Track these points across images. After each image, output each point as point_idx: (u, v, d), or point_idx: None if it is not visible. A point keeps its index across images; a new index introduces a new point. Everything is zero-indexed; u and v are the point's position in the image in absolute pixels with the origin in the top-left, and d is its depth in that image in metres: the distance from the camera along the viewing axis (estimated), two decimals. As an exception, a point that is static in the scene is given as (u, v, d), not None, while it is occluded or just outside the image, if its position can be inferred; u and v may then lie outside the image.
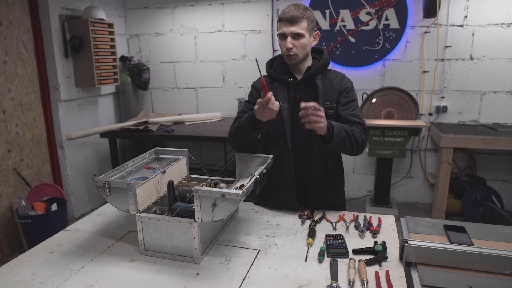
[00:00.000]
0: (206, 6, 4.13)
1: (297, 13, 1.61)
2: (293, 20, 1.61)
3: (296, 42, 1.64)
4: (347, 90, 1.73)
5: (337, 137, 1.53)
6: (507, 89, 3.55)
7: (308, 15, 1.64)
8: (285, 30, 1.64)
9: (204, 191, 1.25)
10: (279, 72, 1.76)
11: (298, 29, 1.62)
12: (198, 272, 1.27)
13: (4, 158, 3.13)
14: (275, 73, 1.76)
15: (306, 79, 1.71)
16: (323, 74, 1.73)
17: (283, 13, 1.65)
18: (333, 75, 1.76)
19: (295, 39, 1.64)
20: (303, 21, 1.62)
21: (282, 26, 1.65)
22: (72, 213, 3.74)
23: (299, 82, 1.72)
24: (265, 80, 1.45)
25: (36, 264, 1.34)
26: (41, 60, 3.44)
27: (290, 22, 1.62)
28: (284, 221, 1.64)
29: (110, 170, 1.53)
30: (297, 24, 1.62)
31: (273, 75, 1.77)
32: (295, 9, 1.63)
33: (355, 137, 1.59)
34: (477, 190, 3.53)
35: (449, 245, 1.25)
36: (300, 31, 1.62)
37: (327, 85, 1.72)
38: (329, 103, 1.69)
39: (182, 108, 4.45)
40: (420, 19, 3.62)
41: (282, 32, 1.65)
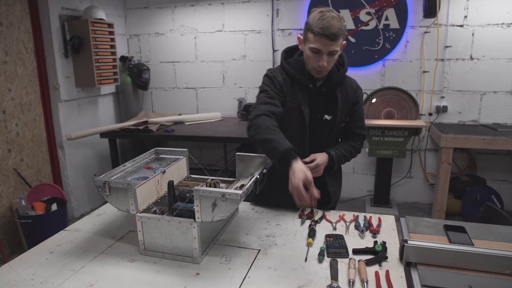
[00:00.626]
0: (206, 6, 4.13)
1: (338, 30, 1.46)
2: (334, 38, 1.46)
3: (330, 59, 1.53)
4: (359, 103, 1.76)
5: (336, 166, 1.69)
6: (507, 89, 3.55)
7: (344, 28, 1.51)
8: (322, 47, 1.49)
9: (204, 191, 1.25)
10: (298, 71, 1.64)
11: (336, 47, 1.50)
12: (198, 272, 1.27)
13: (4, 158, 3.13)
14: (294, 73, 1.65)
15: (327, 90, 1.66)
16: (340, 84, 1.69)
17: (322, 27, 1.45)
18: (348, 85, 1.72)
19: (330, 55, 1.52)
20: (341, 38, 1.51)
21: (317, 41, 1.48)
22: (72, 213, 3.74)
23: (320, 91, 1.66)
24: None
25: (36, 264, 1.34)
26: (41, 60, 3.44)
27: (330, 39, 1.46)
28: (284, 221, 1.64)
29: (110, 170, 1.53)
30: (337, 41, 1.48)
31: (292, 75, 1.66)
32: (335, 22, 1.46)
33: (352, 155, 1.76)
34: (477, 190, 3.53)
35: (449, 245, 1.25)
36: (337, 48, 1.51)
37: (343, 96, 1.69)
38: (344, 116, 1.71)
39: (182, 108, 4.45)
40: (420, 19, 3.62)
41: (317, 48, 1.50)
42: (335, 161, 1.65)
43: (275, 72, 1.69)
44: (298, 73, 1.65)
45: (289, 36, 3.96)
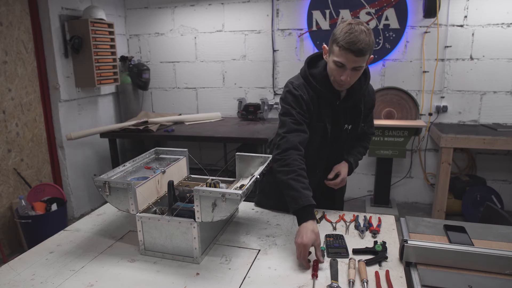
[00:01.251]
0: (206, 6, 4.13)
1: (365, 46, 1.37)
2: (361, 54, 1.38)
3: (353, 74, 1.45)
4: (373, 106, 1.80)
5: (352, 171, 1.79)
6: (507, 89, 3.55)
7: (372, 43, 1.41)
8: (346, 62, 1.41)
9: (204, 191, 1.25)
10: (324, 87, 1.56)
11: (362, 63, 1.42)
12: (198, 272, 1.27)
13: (4, 158, 3.13)
14: (321, 90, 1.56)
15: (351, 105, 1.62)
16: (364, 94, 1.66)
17: (349, 42, 1.36)
18: (368, 95, 1.69)
19: (354, 70, 1.44)
20: (368, 53, 1.41)
21: (342, 56, 1.40)
22: (72, 213, 3.74)
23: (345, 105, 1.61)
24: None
25: (36, 264, 1.34)
26: (41, 60, 3.44)
27: (356, 55, 1.38)
28: (284, 221, 1.64)
29: (110, 170, 1.53)
30: (363, 57, 1.40)
31: (319, 92, 1.57)
32: (363, 37, 1.36)
33: (363, 155, 1.86)
34: (477, 190, 3.53)
35: (449, 245, 1.25)
36: (363, 64, 1.43)
37: (365, 106, 1.70)
38: (364, 123, 1.76)
39: (182, 108, 4.45)
40: (420, 19, 3.62)
41: (341, 62, 1.41)
42: (354, 168, 1.78)
43: (300, 89, 1.57)
44: (325, 89, 1.56)
45: (289, 36, 3.97)
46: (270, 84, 4.13)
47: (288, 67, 4.03)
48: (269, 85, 4.13)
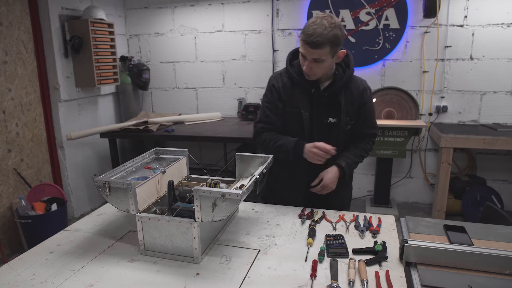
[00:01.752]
0: (206, 6, 4.13)
1: (320, 38, 1.46)
2: (316, 46, 1.48)
3: (315, 66, 1.55)
4: (367, 105, 1.73)
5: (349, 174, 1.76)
6: (507, 89, 3.55)
7: (333, 38, 1.48)
8: (305, 53, 1.53)
9: (204, 191, 1.25)
10: (300, 75, 1.65)
11: (319, 55, 1.51)
12: (198, 272, 1.27)
13: (4, 158, 3.13)
14: (296, 77, 1.66)
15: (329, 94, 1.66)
16: (345, 87, 1.68)
17: (306, 33, 1.49)
18: (354, 87, 1.70)
19: (315, 62, 1.54)
20: (326, 46, 1.49)
21: (302, 46, 1.54)
22: (72, 213, 3.74)
23: (322, 95, 1.66)
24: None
25: (36, 264, 1.34)
26: (41, 60, 3.44)
27: (311, 47, 1.49)
28: (284, 221, 1.64)
29: (110, 170, 1.53)
30: (319, 49, 1.49)
31: (294, 79, 1.67)
32: (320, 30, 1.46)
33: (362, 157, 1.78)
34: (477, 190, 3.53)
35: (449, 245, 1.25)
36: (321, 58, 1.51)
37: (348, 99, 1.68)
38: (349, 118, 1.70)
39: (182, 108, 4.45)
40: (420, 19, 3.62)
41: (303, 53, 1.55)
42: (346, 172, 1.71)
43: (276, 78, 1.73)
44: (300, 77, 1.65)
45: (289, 36, 3.96)
46: (270, 84, 4.12)
47: (288, 67, 4.02)
48: (269, 85, 4.13)
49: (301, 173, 1.76)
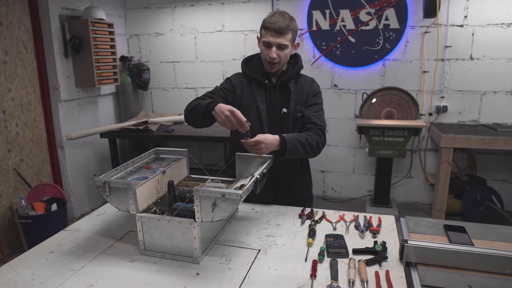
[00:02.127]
0: (206, 6, 4.13)
1: (284, 25, 1.64)
2: (280, 31, 1.65)
3: (280, 53, 1.69)
4: (314, 93, 1.82)
5: (290, 152, 1.62)
6: (507, 89, 3.55)
7: (293, 26, 1.69)
8: (271, 40, 1.67)
9: (204, 191, 1.25)
10: (255, 72, 1.81)
11: (284, 41, 1.67)
12: (198, 272, 1.27)
13: (4, 158, 3.13)
14: (252, 74, 1.81)
15: (281, 83, 1.79)
16: (295, 79, 1.83)
17: (270, 22, 1.66)
18: (304, 80, 1.85)
19: (279, 49, 1.68)
20: (289, 33, 1.67)
21: (267, 35, 1.68)
22: (72, 213, 3.74)
23: (275, 85, 1.78)
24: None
25: (36, 264, 1.34)
26: (41, 60, 3.44)
27: (277, 33, 1.65)
28: (284, 221, 1.64)
29: (110, 170, 1.53)
30: (284, 35, 1.66)
31: (249, 75, 1.81)
32: (282, 19, 1.65)
33: (310, 144, 1.68)
34: (477, 190, 3.53)
35: (449, 245, 1.25)
36: (286, 43, 1.67)
37: (298, 89, 1.81)
38: (299, 106, 1.79)
39: (182, 108, 4.41)
40: (420, 19, 3.62)
41: (267, 41, 1.68)
42: (287, 142, 1.59)
43: (232, 76, 1.89)
44: (255, 73, 1.81)
45: (289, 36, 3.96)
46: (270, 84, 4.12)
47: (288, 67, 4.02)
48: (269, 85, 4.13)
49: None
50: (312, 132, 1.72)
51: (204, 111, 1.56)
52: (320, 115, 1.81)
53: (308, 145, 1.67)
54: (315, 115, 1.78)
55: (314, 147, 1.70)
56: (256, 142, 1.52)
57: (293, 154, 1.63)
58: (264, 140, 1.54)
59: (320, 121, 1.78)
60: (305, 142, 1.66)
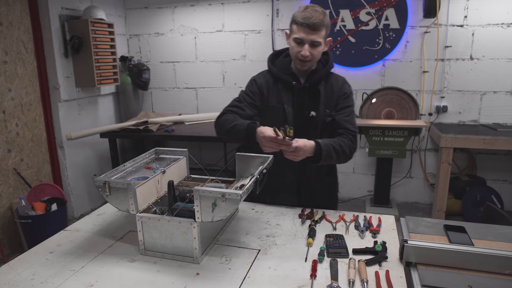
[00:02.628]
0: (206, 6, 4.13)
1: (318, 20, 1.54)
2: (315, 27, 1.55)
3: (313, 50, 1.59)
4: (345, 96, 1.72)
5: (324, 159, 1.57)
6: (507, 89, 3.55)
7: (326, 22, 1.58)
8: (303, 36, 1.57)
9: (204, 191, 1.25)
10: (282, 71, 1.72)
11: (317, 38, 1.57)
12: (198, 272, 1.27)
13: (4, 158, 3.13)
14: (278, 72, 1.72)
15: (310, 85, 1.69)
16: (325, 79, 1.72)
17: (303, 17, 1.55)
18: (334, 80, 1.74)
19: (312, 46, 1.59)
20: (323, 29, 1.57)
21: (300, 31, 1.57)
22: (72, 213, 3.74)
23: (303, 87, 1.69)
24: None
25: (36, 264, 1.34)
26: (41, 60, 3.44)
27: (311, 29, 1.55)
28: (284, 221, 1.64)
29: (110, 170, 1.53)
30: (318, 32, 1.56)
31: (276, 74, 1.73)
32: (316, 14, 1.54)
33: (343, 151, 1.62)
34: (477, 190, 3.53)
35: (449, 245, 1.25)
36: (319, 40, 1.58)
37: (328, 91, 1.71)
38: (329, 110, 1.70)
39: (182, 108, 4.45)
40: (420, 19, 3.62)
41: (300, 37, 1.58)
42: (322, 149, 1.55)
43: (258, 75, 1.80)
44: (282, 72, 1.71)
45: (289, 36, 3.96)
46: (270, 84, 4.12)
47: (288, 67, 4.02)
48: (269, 85, 4.13)
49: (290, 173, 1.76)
50: (345, 138, 1.66)
51: (246, 136, 1.56)
52: (352, 119, 1.71)
53: (342, 152, 1.62)
54: (346, 120, 1.69)
55: (347, 154, 1.65)
56: (296, 148, 1.48)
57: (327, 161, 1.59)
58: (303, 148, 1.50)
59: (352, 126, 1.70)
60: (339, 149, 1.61)
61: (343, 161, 1.67)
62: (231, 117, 1.68)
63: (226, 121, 1.67)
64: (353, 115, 1.74)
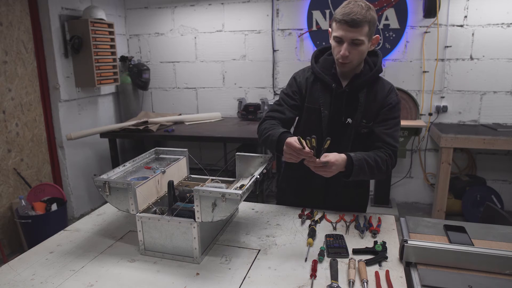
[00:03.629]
0: (206, 6, 4.13)
1: (360, 16, 1.39)
2: (355, 24, 1.39)
3: (353, 50, 1.45)
4: (390, 107, 1.55)
5: (355, 174, 1.45)
6: (507, 89, 3.55)
7: (370, 17, 1.42)
8: (343, 34, 1.43)
9: (204, 191, 1.25)
10: (324, 70, 1.59)
11: (358, 35, 1.42)
12: (198, 272, 1.27)
13: (4, 158, 3.13)
14: (319, 72, 1.60)
15: (350, 90, 1.55)
16: (370, 85, 1.57)
17: (343, 13, 1.41)
18: (380, 88, 1.57)
19: (353, 45, 1.44)
20: (365, 26, 1.41)
21: (339, 29, 1.43)
22: (72, 213, 3.74)
23: (343, 91, 1.56)
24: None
25: (36, 264, 1.34)
26: (41, 60, 3.44)
27: (350, 26, 1.40)
28: (284, 221, 1.64)
29: (110, 170, 1.53)
30: (359, 29, 1.40)
31: (317, 73, 1.61)
32: (358, 9, 1.40)
33: (378, 167, 1.48)
34: (477, 190, 3.53)
35: (449, 245, 1.25)
36: (361, 38, 1.42)
37: (370, 99, 1.56)
38: (366, 121, 1.56)
39: (182, 108, 4.45)
40: (420, 19, 3.62)
41: (338, 35, 1.44)
42: (354, 164, 1.42)
43: (299, 72, 1.69)
44: (323, 72, 1.60)
45: (289, 36, 3.96)
46: (270, 84, 4.13)
47: (288, 67, 4.03)
48: (269, 85, 4.13)
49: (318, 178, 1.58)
50: (383, 152, 1.50)
51: (277, 147, 1.47)
52: (394, 132, 1.54)
53: (376, 168, 1.47)
54: (387, 133, 1.53)
55: (382, 170, 1.49)
56: (325, 163, 1.35)
57: (359, 176, 1.46)
58: (335, 162, 1.37)
59: (393, 140, 1.53)
60: (373, 164, 1.46)
61: (378, 177, 1.56)
62: (268, 125, 1.58)
63: (263, 131, 1.58)
64: (396, 128, 1.57)
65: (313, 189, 1.74)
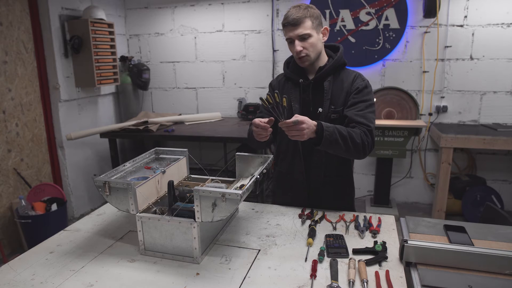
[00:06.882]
0: (206, 6, 4.13)
1: (298, 15, 1.59)
2: (296, 22, 1.59)
3: (304, 44, 1.61)
4: (357, 90, 1.63)
5: (327, 141, 1.48)
6: (507, 89, 3.55)
7: (310, 13, 1.60)
8: (290, 34, 1.61)
9: (204, 191, 1.25)
10: (293, 72, 1.75)
11: (303, 30, 1.59)
12: (198, 272, 1.27)
13: (4, 158, 3.13)
14: (288, 72, 1.77)
15: (315, 81, 1.68)
16: (335, 75, 1.69)
17: (285, 18, 1.62)
18: (345, 76, 1.69)
19: (302, 40, 1.61)
20: (307, 21, 1.59)
21: (287, 31, 1.63)
22: (72, 213, 3.74)
23: (309, 83, 1.69)
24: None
25: (36, 264, 1.34)
26: (41, 60, 3.44)
27: (293, 25, 1.59)
28: (284, 221, 1.64)
29: (110, 170, 1.53)
30: (301, 25, 1.59)
31: (286, 74, 1.79)
32: (295, 11, 1.60)
33: (352, 139, 1.51)
34: (477, 190, 3.53)
35: (449, 245, 1.25)
36: (306, 31, 1.59)
37: (336, 87, 1.67)
38: (335, 106, 1.65)
39: (182, 108, 4.45)
40: (420, 19, 3.62)
41: (288, 37, 1.63)
42: (324, 130, 1.48)
43: (274, 79, 1.89)
44: (292, 71, 1.76)
45: (289, 36, 3.96)
46: (270, 84, 4.12)
47: (288, 67, 4.02)
48: (269, 85, 4.13)
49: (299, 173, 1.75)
50: (357, 129, 1.56)
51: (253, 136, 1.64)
52: (366, 114, 1.60)
53: (350, 140, 1.51)
54: (359, 114, 1.59)
55: (358, 144, 1.52)
56: (295, 122, 1.41)
57: (332, 145, 1.50)
58: (304, 120, 1.44)
59: (366, 120, 1.58)
60: (346, 135, 1.51)
61: (355, 152, 1.55)
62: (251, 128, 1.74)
63: (248, 134, 1.79)
64: (368, 109, 1.62)
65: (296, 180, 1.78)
